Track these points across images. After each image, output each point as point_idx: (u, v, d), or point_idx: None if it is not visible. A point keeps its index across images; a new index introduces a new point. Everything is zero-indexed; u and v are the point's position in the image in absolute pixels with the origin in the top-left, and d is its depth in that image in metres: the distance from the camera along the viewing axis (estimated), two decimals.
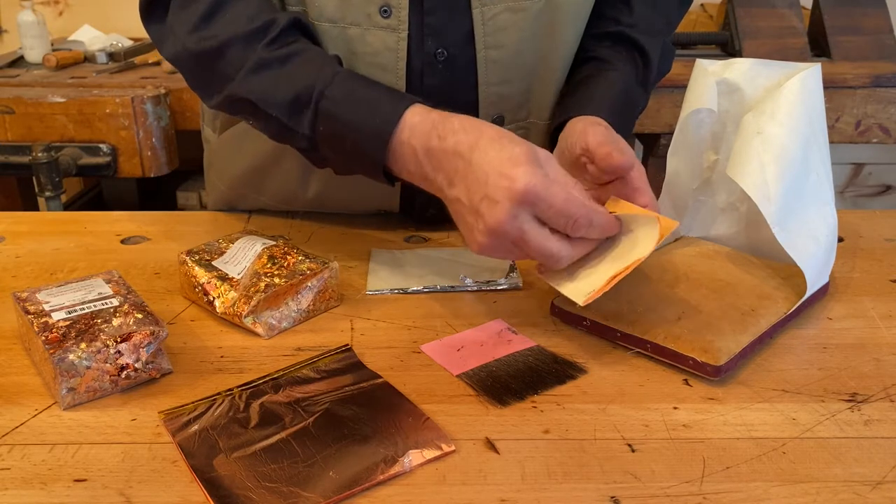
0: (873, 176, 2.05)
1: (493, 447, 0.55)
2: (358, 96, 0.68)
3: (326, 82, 0.69)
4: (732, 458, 0.54)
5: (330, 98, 0.69)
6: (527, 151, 0.60)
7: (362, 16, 0.76)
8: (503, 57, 0.80)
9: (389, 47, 0.77)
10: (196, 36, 0.74)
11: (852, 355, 0.66)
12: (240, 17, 0.73)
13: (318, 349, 0.67)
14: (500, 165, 0.60)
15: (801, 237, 0.69)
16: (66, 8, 2.29)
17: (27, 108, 1.71)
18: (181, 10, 0.76)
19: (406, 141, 0.65)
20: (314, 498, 0.50)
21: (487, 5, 0.77)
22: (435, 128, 0.64)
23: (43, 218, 0.96)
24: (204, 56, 0.75)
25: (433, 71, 0.80)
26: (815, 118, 0.71)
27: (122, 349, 0.60)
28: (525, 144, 0.61)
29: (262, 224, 0.92)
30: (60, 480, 0.52)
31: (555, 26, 0.81)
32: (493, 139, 0.61)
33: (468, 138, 0.62)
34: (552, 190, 0.59)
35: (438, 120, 0.64)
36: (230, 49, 0.73)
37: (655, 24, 0.86)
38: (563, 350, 0.66)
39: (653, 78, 0.87)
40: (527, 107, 0.86)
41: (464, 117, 0.64)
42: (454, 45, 0.79)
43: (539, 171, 0.59)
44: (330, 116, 0.69)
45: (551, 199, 0.59)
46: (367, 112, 0.67)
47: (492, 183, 0.60)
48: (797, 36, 1.82)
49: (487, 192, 0.60)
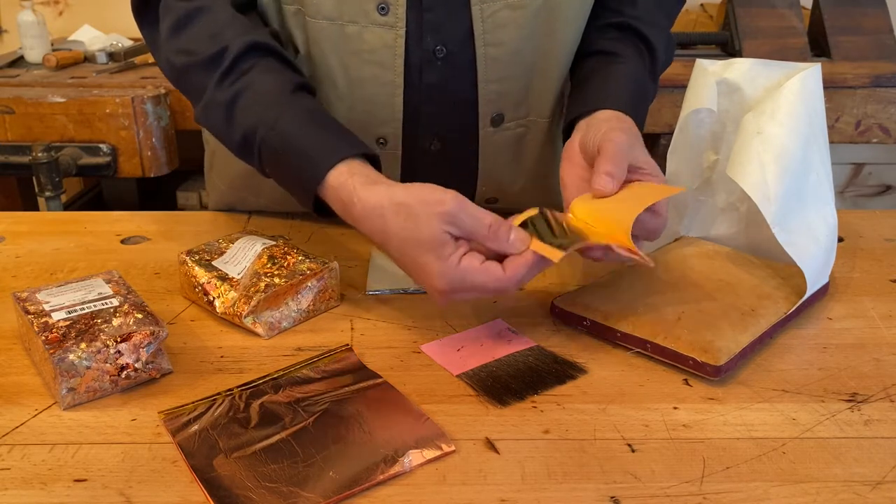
0: (873, 176, 2.05)
1: (493, 447, 0.55)
2: (294, 144, 0.69)
3: (268, 127, 0.70)
4: (732, 458, 0.54)
5: (268, 144, 0.70)
6: (430, 243, 0.62)
7: (360, 13, 0.76)
8: (502, 54, 0.80)
9: (387, 44, 0.77)
10: (172, 48, 0.76)
11: (852, 355, 0.66)
12: (202, 35, 0.74)
13: (318, 349, 0.67)
14: (419, 268, 0.63)
15: (801, 237, 0.69)
16: (66, 8, 2.29)
17: (27, 108, 1.71)
18: (162, 20, 0.78)
19: (331, 200, 0.68)
20: (314, 498, 0.50)
21: (487, 2, 0.77)
22: (344, 208, 0.66)
23: (43, 218, 0.96)
24: (175, 71, 0.77)
25: (432, 68, 0.80)
26: (815, 118, 0.71)
27: (122, 349, 0.60)
28: (426, 227, 0.62)
29: (262, 224, 0.92)
30: (60, 480, 0.52)
31: (554, 24, 0.81)
32: (399, 243, 0.63)
33: (376, 232, 0.65)
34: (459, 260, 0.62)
35: (346, 201, 0.66)
36: (190, 74, 0.75)
37: (658, 16, 0.86)
38: (563, 350, 0.66)
39: (659, 68, 0.86)
40: (526, 104, 0.85)
41: (365, 201, 0.64)
42: (453, 42, 0.79)
43: (444, 251, 0.62)
44: (270, 162, 0.71)
45: (468, 229, 0.62)
46: (297, 164, 0.69)
47: (418, 276, 0.64)
48: (797, 36, 1.82)
49: (420, 277, 0.64)
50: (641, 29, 0.84)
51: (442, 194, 0.62)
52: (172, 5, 0.76)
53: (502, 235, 0.62)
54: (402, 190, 0.64)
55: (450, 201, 0.62)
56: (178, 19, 0.75)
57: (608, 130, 0.70)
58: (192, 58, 0.74)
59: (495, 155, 0.87)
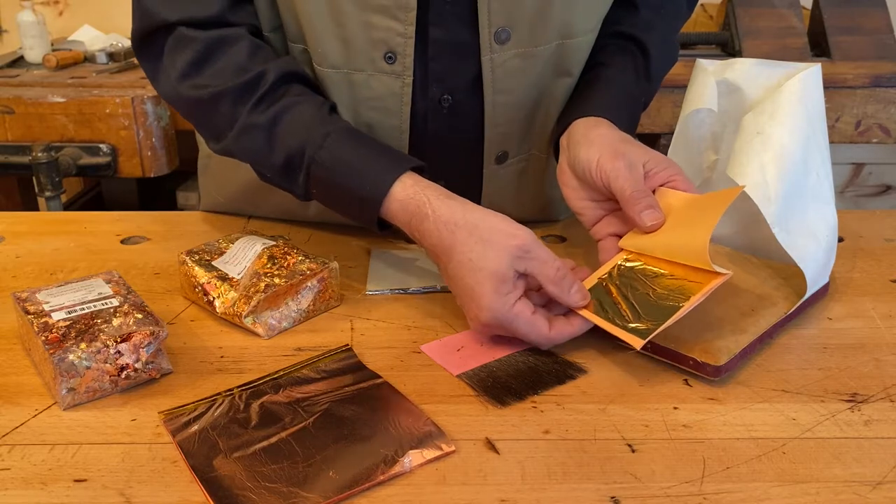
0: (873, 176, 2.05)
1: (493, 447, 0.55)
2: (347, 161, 0.70)
3: (316, 146, 0.70)
4: (732, 458, 0.54)
5: (320, 163, 0.70)
6: (493, 274, 0.63)
7: (366, 61, 0.75)
8: (511, 100, 0.79)
9: (394, 93, 0.76)
10: (188, 83, 0.75)
11: (852, 355, 0.66)
12: (228, 68, 0.73)
13: (318, 349, 0.67)
14: (471, 293, 0.64)
15: (801, 237, 0.69)
16: (66, 8, 2.29)
17: (27, 108, 1.71)
18: (173, 53, 0.75)
19: (395, 213, 0.68)
20: (314, 498, 0.50)
21: (497, 52, 0.75)
22: (412, 219, 0.67)
23: (43, 218, 0.96)
24: (196, 104, 0.75)
25: (438, 116, 0.80)
26: (815, 118, 0.71)
27: (122, 349, 0.60)
28: (495, 257, 0.63)
29: (262, 224, 0.92)
30: (60, 480, 0.52)
31: (563, 67, 0.80)
32: (461, 263, 0.64)
33: (442, 246, 0.66)
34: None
35: (416, 212, 0.67)
36: (220, 103, 0.73)
37: (655, 22, 0.85)
38: (563, 350, 0.66)
39: (654, 68, 0.84)
40: (529, 139, 0.85)
41: (438, 214, 0.66)
42: (459, 91, 0.78)
43: (503, 287, 0.63)
44: (321, 181, 0.71)
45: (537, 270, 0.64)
46: (357, 179, 0.69)
47: (466, 300, 0.65)
48: (797, 36, 1.82)
49: (467, 302, 0.66)
50: (635, 33, 0.83)
51: (517, 228, 0.64)
52: (191, 36, 0.74)
53: (566, 285, 0.64)
54: (479, 212, 0.65)
55: (524, 236, 0.64)
56: (200, 52, 0.74)
57: (602, 157, 0.69)
58: (219, 87, 0.73)
59: (498, 189, 0.87)
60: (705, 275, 0.62)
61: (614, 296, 0.65)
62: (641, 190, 0.68)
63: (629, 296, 0.65)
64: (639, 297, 0.64)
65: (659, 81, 0.87)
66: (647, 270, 0.67)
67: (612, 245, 0.71)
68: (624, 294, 0.65)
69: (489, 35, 0.74)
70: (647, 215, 0.67)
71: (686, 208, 0.67)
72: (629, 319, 0.63)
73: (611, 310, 0.64)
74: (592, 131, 0.73)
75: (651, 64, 0.83)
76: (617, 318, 0.63)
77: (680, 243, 0.65)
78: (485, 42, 0.75)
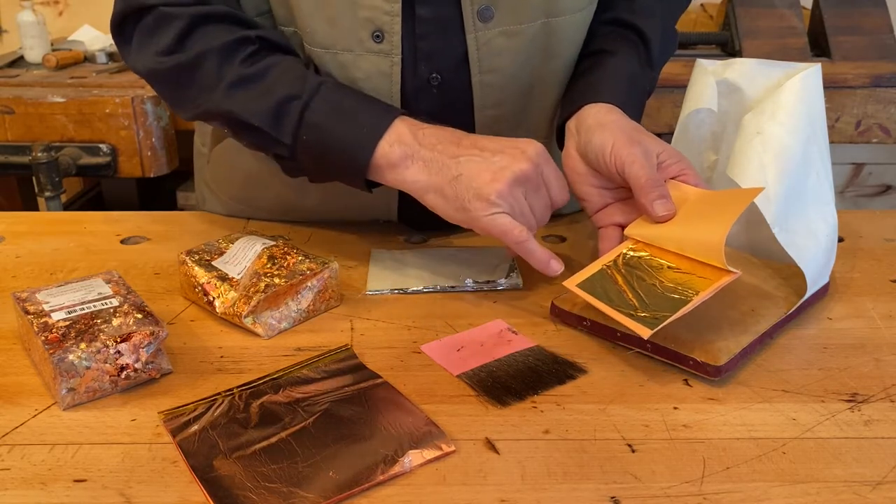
0: (873, 176, 2.05)
1: (493, 447, 0.55)
2: (344, 106, 0.72)
3: (312, 91, 0.71)
4: (732, 458, 0.54)
5: (314, 109, 0.71)
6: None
7: (355, 41, 0.75)
8: (498, 80, 0.79)
9: (383, 72, 0.77)
10: (170, 56, 0.75)
11: (852, 355, 0.66)
12: (214, 33, 0.74)
13: (318, 349, 0.67)
14: (510, 143, 0.70)
15: (802, 237, 0.69)
16: (66, 8, 2.29)
17: (27, 108, 1.71)
18: (155, 29, 0.76)
19: (389, 152, 0.70)
20: (314, 498, 0.50)
21: (482, 30, 0.76)
22: (411, 143, 0.70)
23: (43, 218, 0.96)
24: (175, 68, 0.75)
25: (427, 95, 0.80)
26: (816, 118, 0.71)
27: (122, 349, 0.60)
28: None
29: (262, 224, 0.92)
30: (60, 480, 0.52)
31: (552, 48, 0.79)
32: (473, 137, 0.71)
33: (454, 137, 0.71)
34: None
35: (414, 137, 0.71)
36: (205, 61, 0.74)
37: (655, 9, 0.84)
38: (563, 350, 0.66)
39: (656, 57, 0.84)
40: (523, 126, 0.84)
41: (442, 128, 0.72)
42: (447, 70, 0.79)
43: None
44: (314, 127, 0.71)
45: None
46: (353, 122, 0.71)
47: (507, 147, 0.70)
48: (797, 36, 1.82)
49: (507, 149, 0.70)
50: (634, 21, 0.82)
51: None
52: (174, 13, 0.74)
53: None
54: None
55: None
56: (181, 31, 0.74)
57: (616, 143, 0.69)
58: (204, 47, 0.73)
59: None
60: (714, 271, 0.62)
61: (620, 284, 0.65)
62: (656, 179, 0.68)
63: (635, 285, 0.65)
64: (645, 287, 0.64)
65: (659, 69, 0.87)
66: (654, 262, 0.66)
67: (615, 234, 0.72)
68: (630, 283, 0.65)
69: (472, 13, 0.75)
70: (660, 205, 0.67)
71: (699, 203, 0.67)
72: (636, 308, 0.62)
73: (616, 298, 0.64)
74: (606, 117, 0.73)
75: (652, 52, 0.83)
76: (623, 307, 0.63)
77: (692, 238, 0.65)
78: (468, 19, 0.75)
